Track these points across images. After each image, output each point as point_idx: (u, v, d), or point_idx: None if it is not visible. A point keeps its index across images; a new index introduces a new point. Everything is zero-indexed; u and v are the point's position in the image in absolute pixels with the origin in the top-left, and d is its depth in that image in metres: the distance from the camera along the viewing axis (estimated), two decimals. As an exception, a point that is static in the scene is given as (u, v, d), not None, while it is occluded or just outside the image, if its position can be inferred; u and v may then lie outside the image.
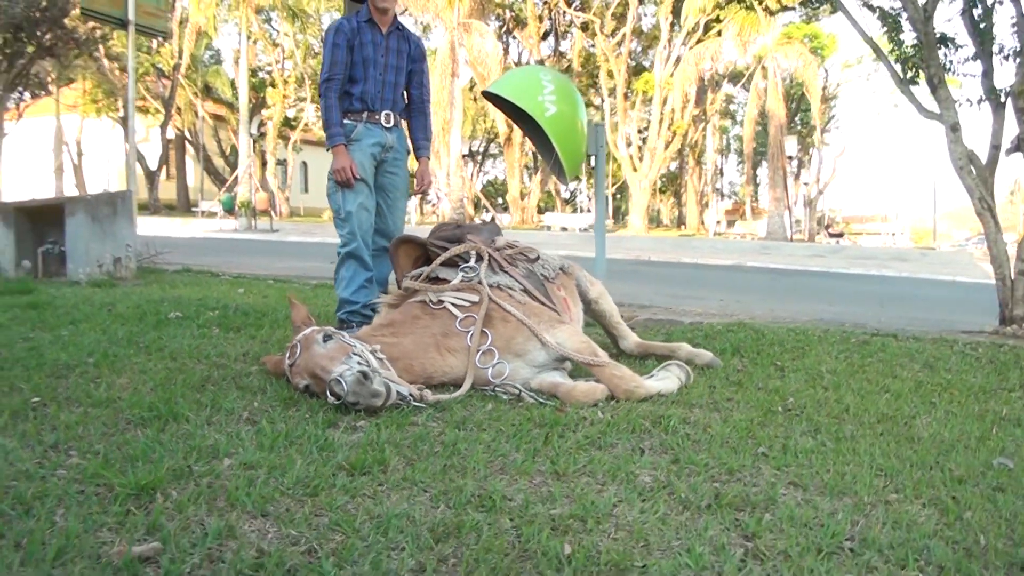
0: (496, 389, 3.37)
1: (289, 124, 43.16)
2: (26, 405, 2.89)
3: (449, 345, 3.45)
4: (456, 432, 2.75)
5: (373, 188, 4.71)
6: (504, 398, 3.32)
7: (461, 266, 3.76)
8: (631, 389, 3.34)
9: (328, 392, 2.93)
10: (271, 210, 31.54)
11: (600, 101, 38.32)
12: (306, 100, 39.68)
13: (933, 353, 4.91)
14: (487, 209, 47.08)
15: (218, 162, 46.83)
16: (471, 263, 3.76)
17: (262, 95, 41.35)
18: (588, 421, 2.98)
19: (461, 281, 3.67)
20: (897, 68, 8.05)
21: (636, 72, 39.18)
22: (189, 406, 2.93)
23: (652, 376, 3.59)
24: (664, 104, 32.89)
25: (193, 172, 45.21)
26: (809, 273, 16.10)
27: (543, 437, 2.73)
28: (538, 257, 4.06)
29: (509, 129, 37.91)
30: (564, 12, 38.37)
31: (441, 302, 3.57)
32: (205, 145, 44.17)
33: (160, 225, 26.36)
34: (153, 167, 39.46)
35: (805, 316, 7.13)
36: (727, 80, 39.65)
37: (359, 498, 2.13)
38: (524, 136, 9.38)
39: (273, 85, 39.66)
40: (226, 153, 47.41)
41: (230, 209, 29.75)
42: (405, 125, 4.99)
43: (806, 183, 38.62)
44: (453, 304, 3.55)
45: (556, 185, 48.43)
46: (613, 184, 54.03)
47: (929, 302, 11.04)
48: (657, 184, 63.53)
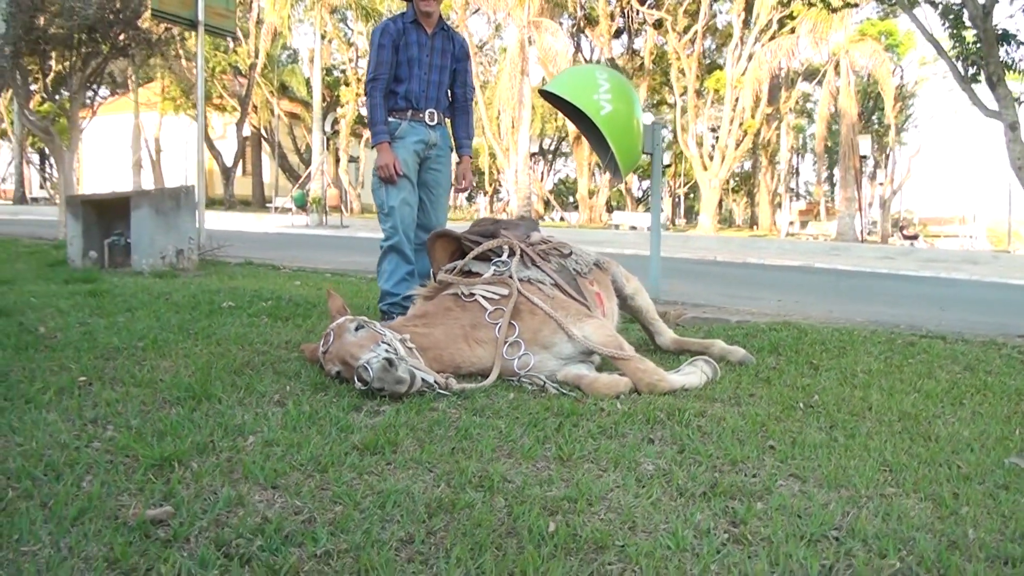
0: (522, 380, 3.46)
1: (362, 122, 43.83)
2: (73, 383, 3.08)
3: (478, 336, 3.55)
4: (473, 418, 2.85)
5: (416, 184, 4.85)
6: (529, 388, 3.41)
7: (494, 260, 3.86)
8: (654, 382, 3.40)
9: (356, 378, 3.06)
10: (341, 206, 32.13)
11: (674, 99, 37.99)
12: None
13: (978, 356, 4.83)
14: (554, 207, 47.11)
15: (293, 159, 47.85)
16: (503, 258, 3.86)
17: (336, 93, 42.14)
18: (605, 412, 3.05)
19: (493, 275, 3.76)
20: (959, 66, 7.90)
21: (711, 70, 38.80)
22: (224, 388, 3.09)
23: (678, 371, 3.63)
24: (735, 103, 32.47)
25: (269, 169, 46.25)
26: (875, 275, 15.76)
27: (556, 425, 2.81)
28: (571, 253, 4.13)
29: (577, 129, 37.87)
30: (636, 10, 38.15)
31: (472, 295, 3.68)
32: (280, 142, 45.20)
33: (234, 220, 27.12)
34: (229, 164, 40.50)
35: (861, 317, 7.04)
36: (802, 78, 38.93)
37: (365, 475, 2.24)
38: (580, 134, 9.43)
39: (347, 84, 40.35)
40: (300, 150, 48.40)
41: (302, 205, 30.41)
42: (449, 123, 5.10)
43: (881, 183, 37.71)
44: (484, 297, 3.65)
45: (628, 183, 48.29)
46: (686, 183, 53.60)
47: (994, 305, 10.74)
48: (729, 183, 62.86)
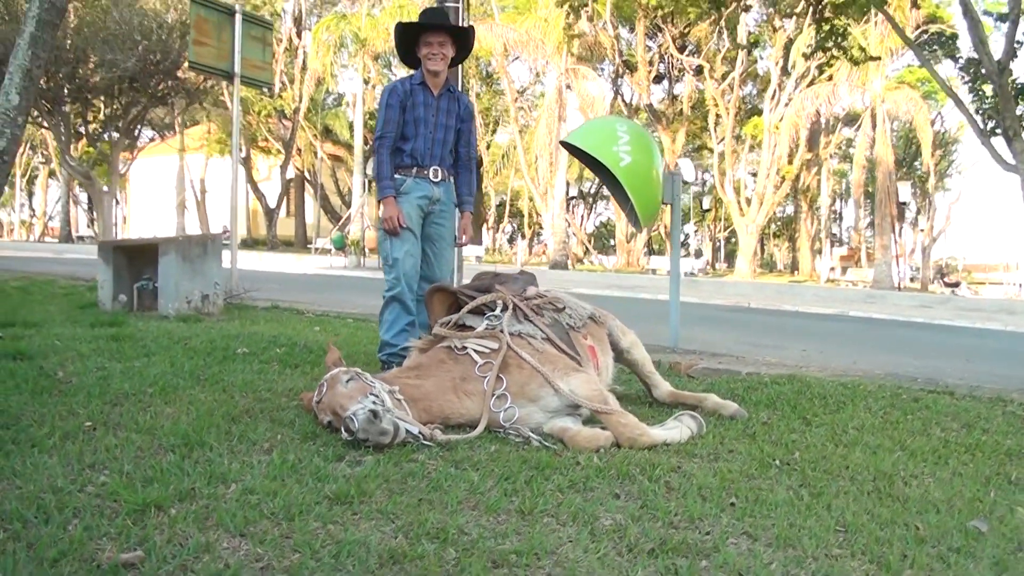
0: (507, 432, 3.58)
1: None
2: (79, 428, 3.27)
3: (467, 389, 3.68)
4: (449, 470, 2.97)
5: (419, 237, 5.04)
6: (514, 440, 3.53)
7: (487, 314, 4.00)
8: (634, 437, 3.49)
9: (343, 428, 3.21)
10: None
11: (715, 145, 38.12)
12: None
13: (980, 412, 4.84)
14: (592, 251, 47.25)
15: (335, 200, 48.77)
16: (497, 312, 3.99)
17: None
18: (580, 466, 3.15)
19: (485, 329, 3.90)
20: (978, 120, 7.94)
21: (753, 115, 38.91)
22: (218, 435, 3.25)
23: (662, 425, 3.72)
24: (773, 149, 32.53)
25: (311, 210, 47.15)
26: (909, 324, 15.62)
27: (528, 478, 2.92)
28: (564, 307, 4.25)
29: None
30: (675, 57, 38.52)
31: (465, 348, 3.81)
32: (323, 184, 46.13)
33: (275, 261, 27.67)
34: (273, 205, 41.36)
35: (882, 368, 7.04)
36: (843, 124, 38.87)
37: (330, 525, 2.37)
38: (601, 184, 9.57)
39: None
40: (342, 192, 49.32)
41: (341, 247, 30.95)
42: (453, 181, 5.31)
43: (922, 230, 37.28)
44: (475, 350, 3.78)
45: (667, 227, 48.37)
46: (726, 228, 53.50)
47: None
48: (770, 228, 62.54)
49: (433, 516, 2.46)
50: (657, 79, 45.49)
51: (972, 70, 7.94)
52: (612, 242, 55.43)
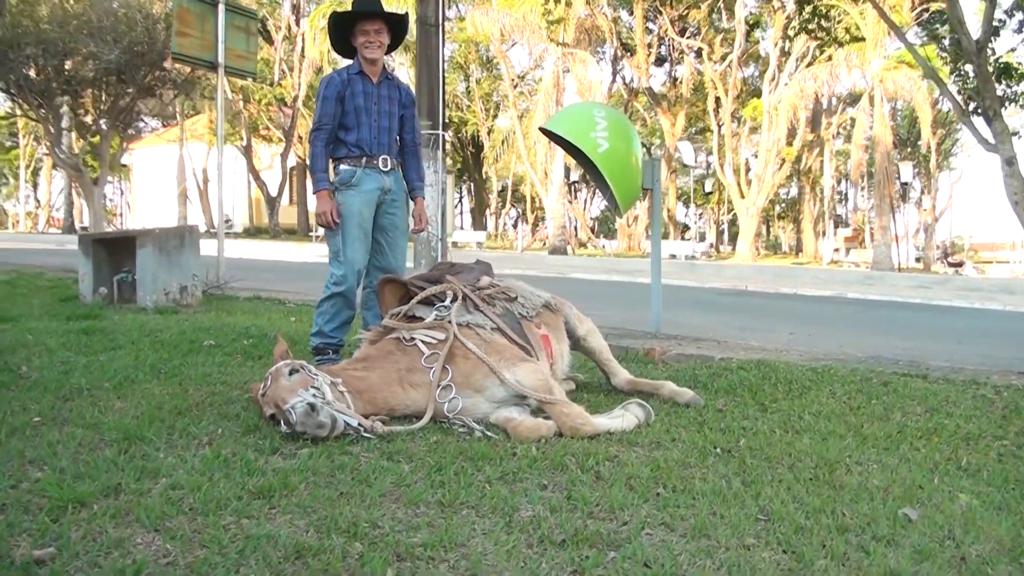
0: (452, 423, 3.60)
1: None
2: (27, 424, 3.31)
3: (412, 380, 3.70)
4: (381, 462, 3.00)
5: (371, 230, 5.03)
6: (459, 431, 3.55)
7: (437, 305, 4.01)
8: (576, 426, 3.51)
9: (283, 421, 3.23)
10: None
11: (716, 128, 37.96)
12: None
13: (949, 396, 4.82)
14: (595, 235, 47.16)
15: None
16: (446, 302, 4.01)
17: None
18: (517, 456, 3.17)
19: (433, 320, 3.92)
20: (959, 100, 7.91)
21: (754, 97, 38.72)
22: (161, 430, 3.29)
23: (608, 415, 3.73)
24: (772, 131, 32.37)
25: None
26: (905, 305, 15.56)
27: (458, 470, 2.94)
28: (516, 296, 4.26)
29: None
30: (674, 40, 38.35)
31: (413, 339, 3.83)
32: (327, 172, 46.04)
33: (275, 249, 27.71)
34: (275, 193, 41.39)
35: (867, 351, 7.04)
36: (845, 104, 38.62)
37: (244, 519, 2.40)
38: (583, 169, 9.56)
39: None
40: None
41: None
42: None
43: (925, 210, 37.09)
44: (422, 341, 3.80)
45: (672, 210, 48.26)
46: (729, 211, 53.37)
47: (1018, 338, 10.57)
48: (775, 210, 62.26)
49: (350, 510, 2.48)
50: (658, 62, 45.30)
51: (953, 50, 7.91)
52: (616, 226, 55.37)
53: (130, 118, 14.29)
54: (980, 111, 7.22)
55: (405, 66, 36.11)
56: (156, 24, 11.79)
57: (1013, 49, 10.42)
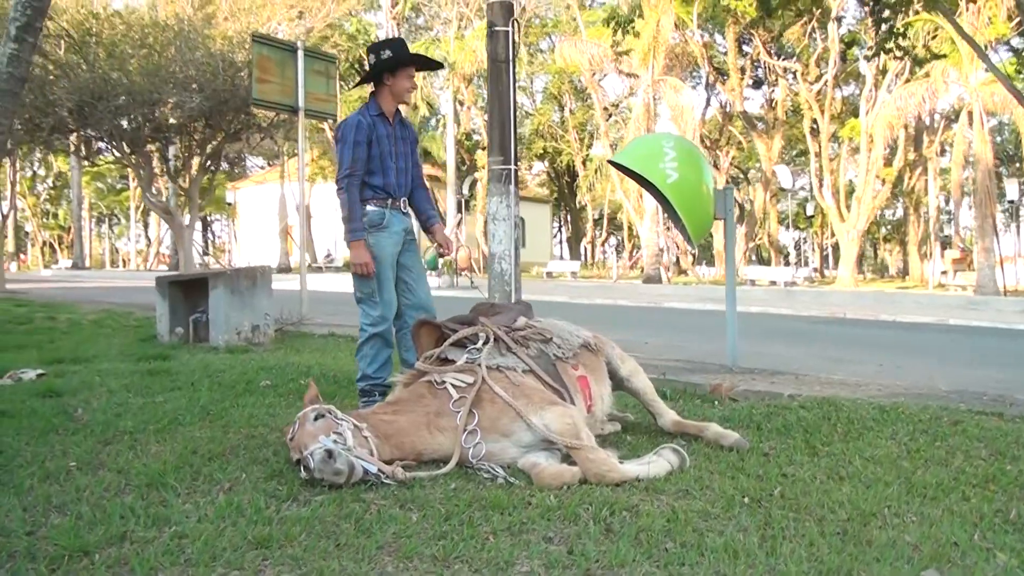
0: (476, 468, 3.56)
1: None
2: (61, 469, 3.43)
3: (440, 424, 3.68)
4: (391, 510, 2.98)
5: (397, 269, 5.10)
6: (484, 477, 3.51)
7: (469, 348, 3.99)
8: (602, 473, 3.42)
9: (303, 467, 3.26)
10: (473, 267, 32.93)
11: (817, 148, 37.01)
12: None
13: (1020, 437, 4.52)
14: (690, 262, 46.48)
15: (433, 221, 49.50)
16: (478, 345, 3.99)
17: (475, 157, 43.59)
18: (532, 506, 3.10)
19: (464, 362, 3.90)
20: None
21: (852, 117, 37.69)
22: (187, 475, 3.36)
23: (640, 460, 3.63)
24: (870, 151, 31.33)
25: (416, 231, 47.99)
26: (1009, 332, 14.75)
27: (467, 520, 2.89)
28: (552, 338, 4.20)
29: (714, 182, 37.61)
30: (766, 63, 37.71)
31: (443, 382, 3.82)
32: (422, 205, 46.91)
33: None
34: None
35: (955, 385, 6.68)
36: (947, 121, 37.11)
37: (234, 571, 2.41)
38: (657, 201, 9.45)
39: (484, 147, 41.66)
40: (442, 213, 50.12)
41: (434, 267, 31.31)
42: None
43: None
44: (452, 384, 3.78)
45: (773, 237, 47.29)
46: (833, 235, 51.89)
47: None
48: (880, 232, 60.19)
49: (340, 563, 2.47)
50: (755, 84, 44.62)
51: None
52: (714, 253, 54.50)
53: (218, 162, 14.90)
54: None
55: (462, 102, 36.55)
56: (239, 72, 12.29)
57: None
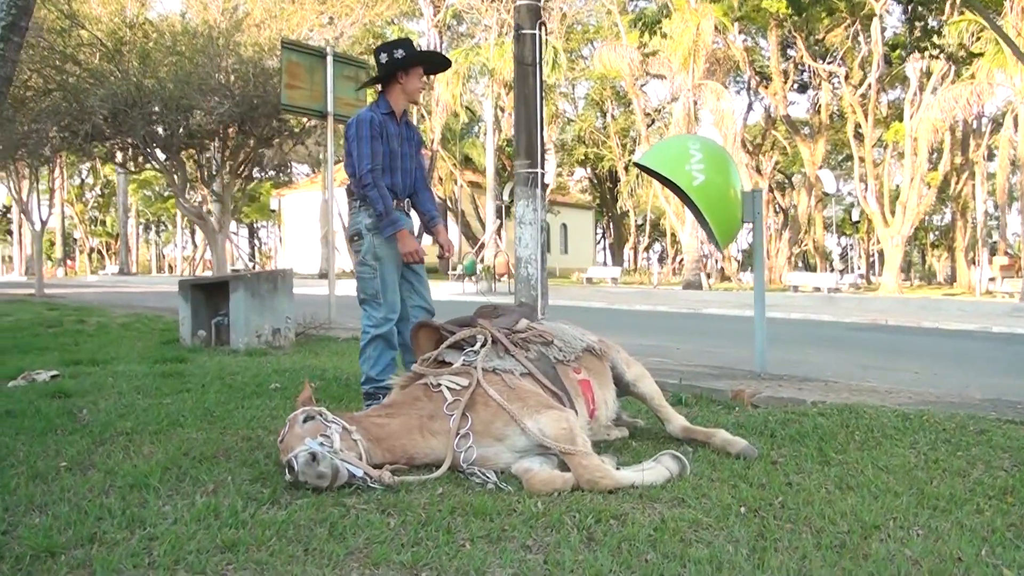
0: (467, 473, 3.48)
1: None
2: (53, 469, 3.41)
3: (433, 428, 3.60)
4: (370, 516, 2.90)
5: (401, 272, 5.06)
6: (475, 482, 3.42)
7: (466, 350, 3.91)
8: (595, 479, 3.31)
9: (287, 470, 3.20)
10: (511, 272, 32.88)
11: (862, 153, 36.37)
12: (545, 163, 41.34)
13: (1048, 448, 4.32)
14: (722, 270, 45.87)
15: (475, 226, 49.65)
16: (476, 347, 3.90)
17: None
18: (517, 512, 3.00)
19: (461, 365, 3.81)
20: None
21: (896, 121, 36.99)
22: (172, 476, 3.31)
23: (637, 467, 3.51)
24: (914, 155, 30.65)
25: (455, 237, 48.24)
26: (1057, 341, 14.29)
27: (446, 526, 2.81)
28: (552, 340, 4.10)
29: (754, 187, 37.14)
30: (809, 66, 37.17)
31: (439, 385, 3.74)
32: (464, 211, 47.12)
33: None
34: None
35: (990, 393, 6.42)
36: (994, 124, 36.20)
37: (196, 574, 2.35)
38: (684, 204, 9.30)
39: (522, 154, 41.62)
40: (483, 218, 50.25)
41: (472, 272, 31.38)
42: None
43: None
44: (447, 387, 3.70)
45: (818, 243, 46.54)
46: (880, 242, 50.97)
47: None
48: (927, 239, 58.95)
49: (304, 568, 2.41)
50: (801, 88, 44.01)
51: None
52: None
53: (251, 168, 15.03)
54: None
55: (503, 108, 36.50)
56: (271, 78, 12.38)
57: None
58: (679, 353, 9.43)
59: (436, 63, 5.55)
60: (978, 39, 21.79)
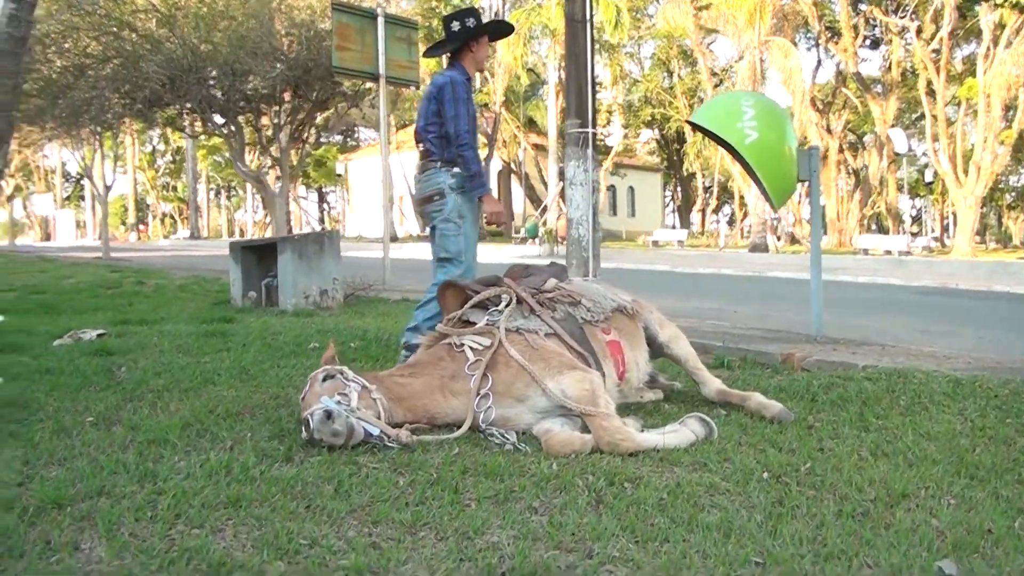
0: (486, 433, 3.43)
1: (604, 151, 44.72)
2: (79, 425, 3.46)
3: (454, 388, 3.56)
4: (380, 475, 2.88)
5: None
6: (495, 442, 3.37)
7: (490, 310, 3.85)
8: (615, 441, 3.23)
9: (303, 427, 3.20)
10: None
11: (936, 111, 35.00)
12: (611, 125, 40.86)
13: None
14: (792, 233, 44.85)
15: (539, 188, 49.45)
16: (500, 307, 3.83)
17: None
18: (530, 474, 2.95)
19: (484, 325, 3.76)
20: None
21: (971, 77, 35.42)
22: (192, 433, 3.34)
23: (661, 430, 3.43)
24: (987, 112, 29.31)
25: (519, 200, 48.09)
26: None
27: (454, 487, 2.77)
28: (580, 300, 4.00)
29: (824, 147, 36.07)
30: (879, 20, 35.77)
31: (462, 345, 3.69)
32: (528, 174, 46.90)
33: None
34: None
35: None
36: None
37: (194, 529, 2.36)
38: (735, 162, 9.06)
39: (585, 115, 41.13)
40: (546, 180, 50.00)
41: (534, 235, 31.30)
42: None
43: None
44: (470, 347, 3.65)
45: (891, 204, 45.20)
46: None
47: None
48: (1004, 200, 56.69)
49: (301, 524, 2.39)
50: (874, 44, 42.49)
51: None
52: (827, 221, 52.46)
53: (307, 131, 15.10)
54: None
55: (551, 60, 36.03)
56: (323, 41, 12.37)
57: None
58: (737, 316, 9.25)
59: (502, 31, 5.81)
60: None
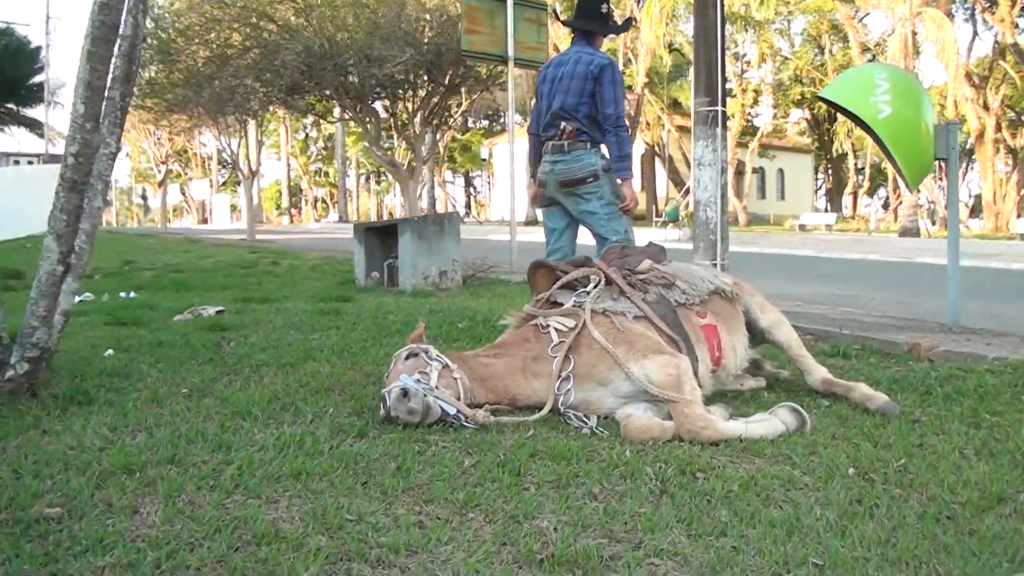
0: (566, 416, 3.36)
1: (751, 132, 43.45)
2: (172, 395, 3.61)
3: (536, 369, 3.50)
4: (449, 453, 2.85)
5: None
6: (574, 426, 3.30)
7: (578, 290, 3.76)
8: (696, 429, 3.09)
9: (381, 404, 3.22)
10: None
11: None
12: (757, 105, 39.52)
13: None
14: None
15: (684, 171, 48.56)
16: (588, 288, 3.74)
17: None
18: (600, 459, 2.85)
19: (572, 306, 3.67)
20: None
21: None
22: (278, 407, 3.42)
23: (748, 419, 3.25)
24: None
25: (663, 182, 47.41)
26: None
27: (517, 469, 2.71)
28: (674, 282, 3.85)
29: (980, 126, 33.66)
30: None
31: (548, 326, 3.63)
32: (671, 156, 46.11)
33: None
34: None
35: None
36: None
37: (249, 500, 2.40)
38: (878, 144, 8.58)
39: (732, 95, 39.98)
40: (690, 163, 49.08)
41: (674, 219, 30.62)
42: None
43: None
44: (555, 328, 3.58)
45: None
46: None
47: None
48: None
49: (352, 500, 2.39)
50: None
51: None
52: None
53: (442, 116, 15.32)
54: None
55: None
56: (455, 25, 12.51)
57: None
58: (871, 303, 8.77)
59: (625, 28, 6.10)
60: None
